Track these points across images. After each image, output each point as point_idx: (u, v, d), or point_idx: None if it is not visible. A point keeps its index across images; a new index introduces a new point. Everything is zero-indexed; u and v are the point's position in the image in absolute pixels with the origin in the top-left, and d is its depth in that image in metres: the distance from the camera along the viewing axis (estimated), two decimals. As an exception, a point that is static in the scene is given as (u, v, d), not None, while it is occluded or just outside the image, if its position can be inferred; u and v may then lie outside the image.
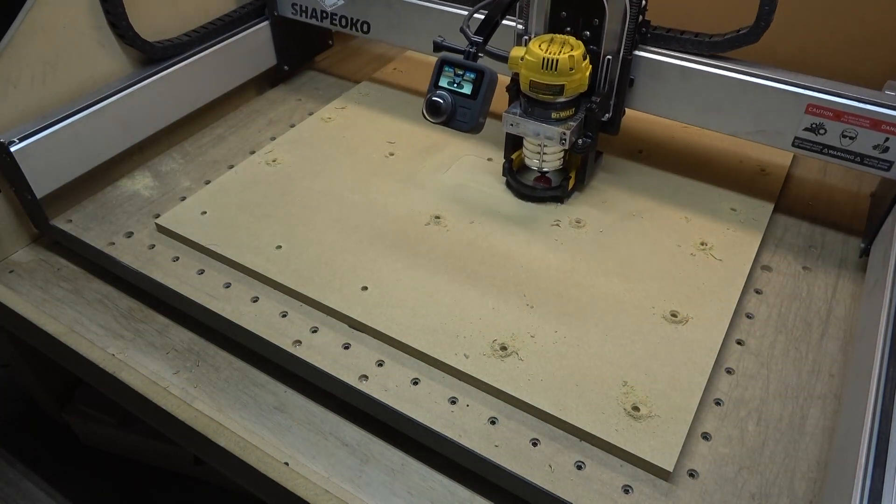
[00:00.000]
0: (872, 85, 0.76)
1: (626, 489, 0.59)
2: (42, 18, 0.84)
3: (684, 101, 0.84)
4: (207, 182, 0.95)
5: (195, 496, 1.16)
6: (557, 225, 0.85)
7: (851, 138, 0.75)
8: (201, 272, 0.81)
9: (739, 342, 0.72)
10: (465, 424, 0.64)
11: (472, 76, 0.69)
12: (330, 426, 0.68)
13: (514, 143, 0.91)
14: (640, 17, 0.79)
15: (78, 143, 0.88)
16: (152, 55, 0.97)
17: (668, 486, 0.59)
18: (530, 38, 0.82)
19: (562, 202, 0.89)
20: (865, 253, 0.80)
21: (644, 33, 0.83)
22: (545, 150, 0.85)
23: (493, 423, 0.64)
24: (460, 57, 0.71)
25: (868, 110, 0.73)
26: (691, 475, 0.60)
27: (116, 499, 1.16)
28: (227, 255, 0.81)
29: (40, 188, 0.85)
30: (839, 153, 0.77)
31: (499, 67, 0.77)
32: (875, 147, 0.75)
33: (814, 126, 0.77)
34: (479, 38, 0.72)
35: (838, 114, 0.75)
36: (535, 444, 0.62)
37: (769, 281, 0.79)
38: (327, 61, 1.27)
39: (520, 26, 0.84)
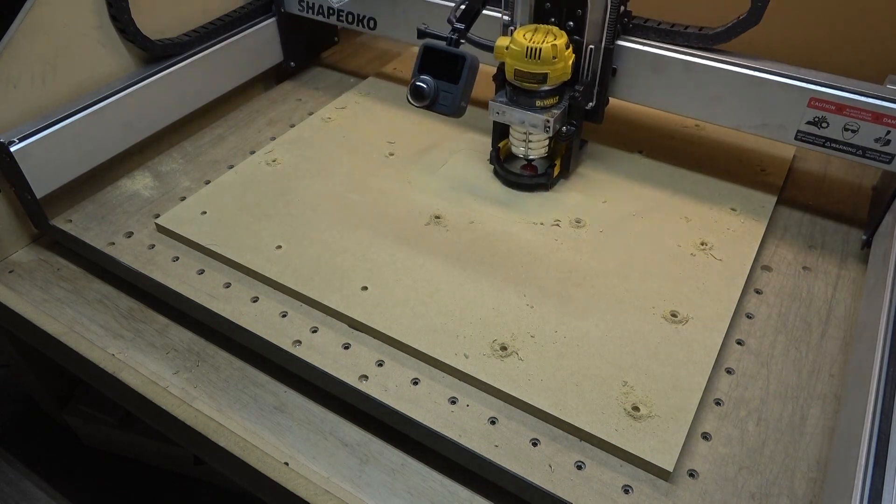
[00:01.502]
0: (874, 81, 0.77)
1: (626, 489, 0.59)
2: (42, 18, 0.84)
3: (683, 93, 0.84)
4: (207, 182, 0.95)
5: (195, 496, 1.16)
6: (557, 225, 0.85)
7: (853, 131, 0.76)
8: (201, 272, 0.81)
9: (739, 342, 0.72)
10: (465, 424, 0.64)
11: (455, 62, 0.70)
12: (330, 426, 0.68)
13: (501, 132, 0.93)
14: (622, 8, 0.81)
15: (78, 143, 0.88)
16: (155, 53, 0.97)
17: (668, 486, 0.59)
18: (516, 29, 0.84)
19: (547, 189, 0.91)
20: (867, 245, 0.81)
21: (626, 24, 0.85)
22: (530, 137, 0.88)
23: (493, 423, 0.64)
24: (443, 43, 0.73)
25: (870, 104, 0.74)
26: (691, 475, 0.60)
27: (116, 499, 1.16)
28: (227, 255, 0.81)
29: (40, 188, 0.85)
30: (841, 146, 0.78)
31: (487, 58, 0.80)
32: (877, 140, 0.76)
33: (816, 119, 0.78)
34: (461, 26, 0.75)
35: (840, 107, 0.76)
36: (535, 444, 0.62)
37: (769, 281, 0.79)
38: (332, 58, 1.28)
39: (506, 17, 0.87)
